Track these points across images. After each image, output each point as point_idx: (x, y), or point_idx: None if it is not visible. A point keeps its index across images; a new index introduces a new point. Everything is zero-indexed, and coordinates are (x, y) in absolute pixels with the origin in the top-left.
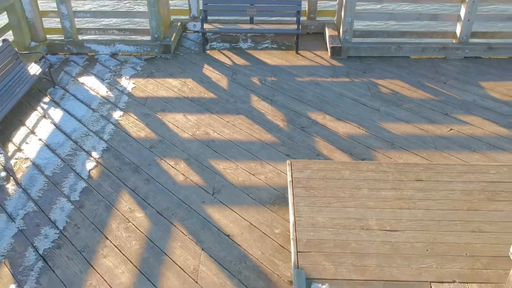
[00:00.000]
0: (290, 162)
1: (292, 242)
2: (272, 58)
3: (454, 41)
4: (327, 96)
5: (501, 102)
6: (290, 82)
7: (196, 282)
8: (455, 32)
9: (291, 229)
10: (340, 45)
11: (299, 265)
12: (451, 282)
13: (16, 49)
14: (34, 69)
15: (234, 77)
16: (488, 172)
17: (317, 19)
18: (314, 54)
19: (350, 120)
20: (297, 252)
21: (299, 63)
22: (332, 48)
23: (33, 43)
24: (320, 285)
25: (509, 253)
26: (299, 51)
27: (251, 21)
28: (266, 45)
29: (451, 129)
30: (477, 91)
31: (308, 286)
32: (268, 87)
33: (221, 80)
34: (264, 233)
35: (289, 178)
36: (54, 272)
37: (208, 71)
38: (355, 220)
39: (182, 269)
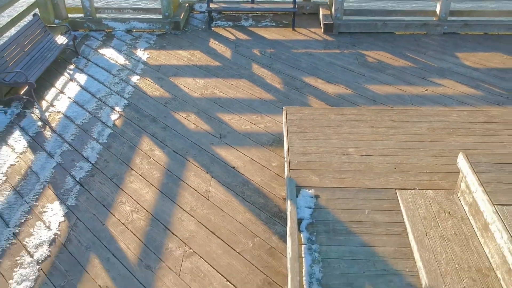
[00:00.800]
0: (285, 108)
1: (285, 164)
2: (271, 34)
3: (434, 19)
4: (319, 64)
5: (472, 68)
6: (286, 53)
7: (208, 199)
8: (436, 11)
9: (285, 155)
10: (332, 22)
11: (290, 177)
12: (412, 189)
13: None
14: (61, 40)
15: (237, 49)
16: (451, 115)
17: (312, 0)
18: (309, 30)
19: (339, 83)
20: (290, 169)
21: (295, 38)
22: (325, 24)
23: (56, 21)
24: (307, 190)
25: (457, 163)
26: (295, 28)
27: (252, 1)
28: (266, 23)
29: (426, 90)
30: (452, 60)
31: (297, 191)
32: (267, 57)
33: (226, 52)
34: (263, 165)
35: (284, 120)
36: (89, 192)
37: (214, 44)
38: (338, 148)
39: (196, 190)
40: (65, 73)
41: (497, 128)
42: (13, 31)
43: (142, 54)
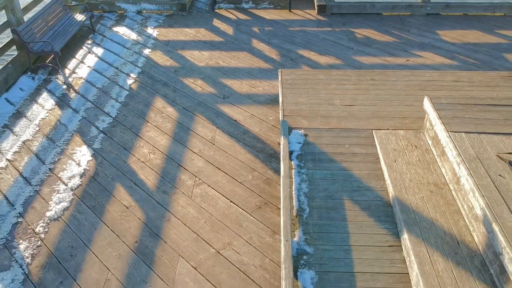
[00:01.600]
0: (280, 71)
1: (280, 112)
2: (270, 14)
3: (419, 1)
4: (313, 40)
5: (450, 43)
6: (283, 31)
7: (213, 144)
8: None
9: (280, 106)
10: (325, 4)
11: (284, 118)
12: (385, 129)
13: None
14: (79, 17)
15: (238, 28)
16: (424, 75)
17: None
18: (304, 12)
19: (330, 55)
20: (283, 115)
21: (291, 18)
22: (318, 6)
23: (74, 2)
24: (298, 130)
25: (423, 105)
26: (291, 10)
27: None
28: (265, 5)
29: (407, 60)
30: (433, 36)
31: (289, 131)
32: (265, 34)
33: (228, 29)
34: (261, 119)
35: (279, 79)
36: (112, 139)
37: (217, 23)
38: (325, 100)
39: (203, 137)
40: (84, 47)
41: (463, 85)
42: (36, 9)
43: (152, 31)
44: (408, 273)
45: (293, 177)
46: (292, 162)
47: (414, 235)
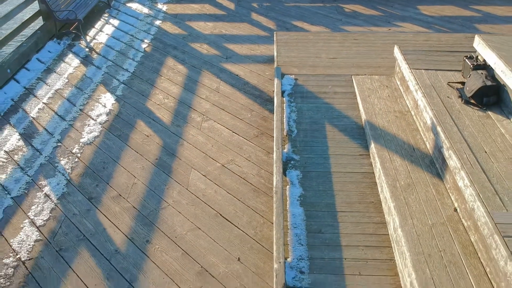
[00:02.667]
0: (276, 33)
1: (275, 62)
2: None
3: None
4: (305, 13)
5: (428, 16)
6: (279, 6)
7: (218, 92)
8: None
9: (275, 58)
10: None
11: (278, 65)
12: (363, 74)
13: None
14: None
15: (239, 3)
16: (400, 36)
17: None
18: None
19: (320, 25)
20: (277, 64)
21: None
22: None
23: None
24: (289, 75)
25: (394, 53)
26: None
27: None
28: None
29: (389, 29)
30: (414, 10)
31: (282, 76)
32: (263, 9)
33: (230, 5)
34: (259, 74)
35: (274, 39)
36: (131, 88)
37: (220, 0)
38: (313, 54)
39: (209, 87)
40: (102, 19)
41: (432, 44)
42: None
43: (162, 6)
44: (373, 172)
45: (284, 109)
46: (284, 98)
47: (379, 144)
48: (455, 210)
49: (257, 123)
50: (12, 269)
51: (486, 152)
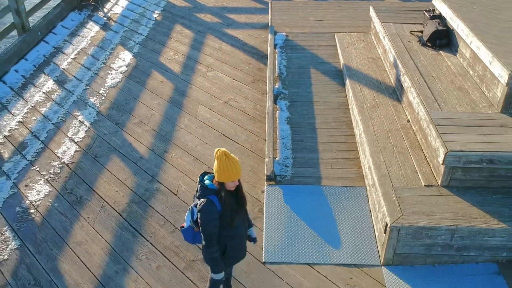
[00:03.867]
0: (271, 2)
1: (269, 23)
2: None
3: None
4: None
5: None
6: None
7: (220, 50)
8: None
9: (269, 21)
10: None
11: (272, 25)
12: (344, 32)
13: None
14: None
15: None
16: (379, 4)
17: None
18: None
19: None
20: (271, 24)
21: None
22: None
23: None
24: (281, 33)
25: (369, 12)
26: None
27: None
28: None
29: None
30: None
31: (275, 34)
32: None
33: None
34: (256, 37)
35: (269, 7)
36: (146, 47)
37: None
38: (302, 18)
39: (213, 47)
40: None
41: (408, 10)
42: None
43: None
44: (347, 101)
45: (276, 57)
46: (276, 50)
47: (353, 80)
48: (408, 121)
49: (254, 73)
50: (59, 169)
51: (433, 76)
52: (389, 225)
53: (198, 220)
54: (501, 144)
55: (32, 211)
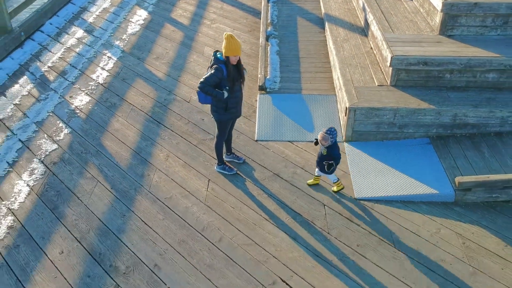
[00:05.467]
0: None
1: None
2: None
3: None
4: None
5: None
6: None
7: (222, 9)
8: None
9: None
10: None
11: None
12: None
13: None
14: None
15: None
16: None
17: None
18: None
19: None
20: None
21: None
22: None
23: None
24: None
25: None
26: None
27: None
28: None
29: None
30: None
31: None
32: None
33: None
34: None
35: None
36: (153, 21)
37: None
38: None
39: (215, 7)
40: None
41: None
42: None
43: None
44: (326, 39)
45: (269, 10)
46: (269, 4)
47: (331, 23)
48: (371, 48)
49: (251, 25)
50: (95, 87)
51: (391, 13)
52: (348, 107)
53: (206, 73)
54: (434, 51)
55: (77, 111)
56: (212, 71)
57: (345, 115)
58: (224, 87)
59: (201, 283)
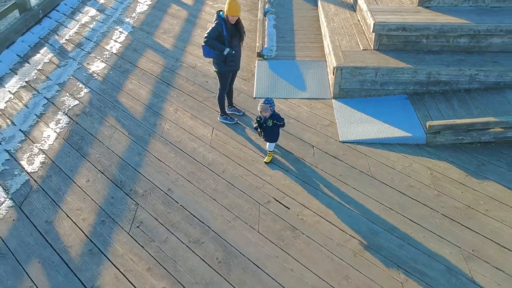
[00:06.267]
0: None
1: None
2: None
3: None
4: None
5: None
6: None
7: None
8: None
9: None
10: None
11: None
12: None
13: None
14: None
15: None
16: None
17: None
18: None
19: None
20: None
21: None
22: None
23: None
24: None
25: None
26: None
27: None
28: None
29: None
30: None
31: None
32: None
33: None
34: None
35: None
36: (158, 9)
37: None
38: None
39: None
40: None
41: None
42: None
43: None
44: (319, 15)
45: None
46: None
47: (324, 1)
48: (358, 20)
49: (250, 5)
50: (109, 56)
51: None
52: (335, 66)
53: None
54: (412, 19)
55: (94, 75)
56: (213, 25)
57: (333, 74)
58: (226, 47)
59: (208, 202)
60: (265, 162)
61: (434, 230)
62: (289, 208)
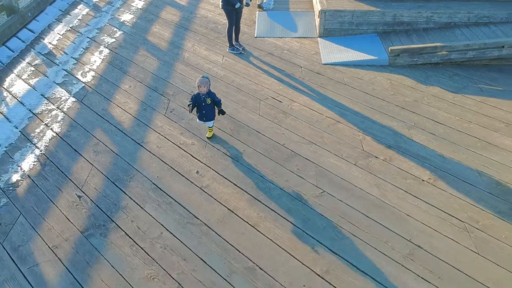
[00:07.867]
0: None
1: None
2: None
3: None
4: None
5: None
6: None
7: None
8: None
9: None
10: None
11: None
12: None
13: None
14: None
15: None
16: None
17: None
18: None
19: None
20: None
21: None
22: None
23: None
24: None
25: None
26: None
27: None
28: None
29: None
30: None
31: None
32: None
33: None
34: None
35: None
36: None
37: None
38: None
39: None
40: None
41: None
42: None
43: None
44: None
45: None
46: None
47: None
48: None
49: None
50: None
51: None
52: (319, 10)
53: None
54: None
55: (125, 23)
56: None
57: (318, 17)
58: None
59: (220, 97)
60: (208, 137)
61: (387, 113)
62: (281, 102)
